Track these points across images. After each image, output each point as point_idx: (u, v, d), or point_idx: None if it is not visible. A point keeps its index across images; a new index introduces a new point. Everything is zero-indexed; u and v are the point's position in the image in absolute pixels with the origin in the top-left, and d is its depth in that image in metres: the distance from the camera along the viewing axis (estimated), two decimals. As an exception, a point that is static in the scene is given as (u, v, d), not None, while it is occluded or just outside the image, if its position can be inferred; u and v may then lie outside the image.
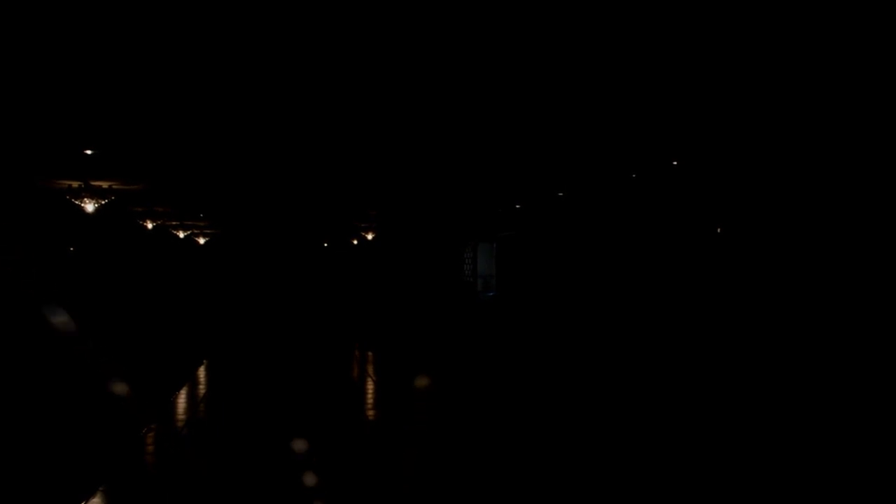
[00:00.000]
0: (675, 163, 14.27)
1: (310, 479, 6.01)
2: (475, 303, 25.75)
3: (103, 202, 14.74)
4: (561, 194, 19.22)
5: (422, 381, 11.72)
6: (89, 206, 14.61)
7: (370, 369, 13.73)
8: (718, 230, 14.23)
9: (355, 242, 31.05)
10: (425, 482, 6.52)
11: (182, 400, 10.29)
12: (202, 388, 11.45)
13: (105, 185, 15.13)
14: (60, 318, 14.19)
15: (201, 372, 12.91)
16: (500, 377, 12.55)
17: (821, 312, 11.28)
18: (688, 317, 14.61)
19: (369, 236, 26.77)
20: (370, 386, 11.86)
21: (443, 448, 7.68)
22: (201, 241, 33.91)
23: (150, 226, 24.44)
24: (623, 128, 11.24)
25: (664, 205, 16.04)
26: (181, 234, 30.36)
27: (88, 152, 12.28)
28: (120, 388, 9.59)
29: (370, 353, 15.84)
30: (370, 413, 9.74)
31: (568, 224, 20.17)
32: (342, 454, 7.24)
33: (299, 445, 6.94)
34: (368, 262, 30.46)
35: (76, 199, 14.62)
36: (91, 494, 5.90)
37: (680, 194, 15.42)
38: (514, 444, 7.76)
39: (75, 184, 14.82)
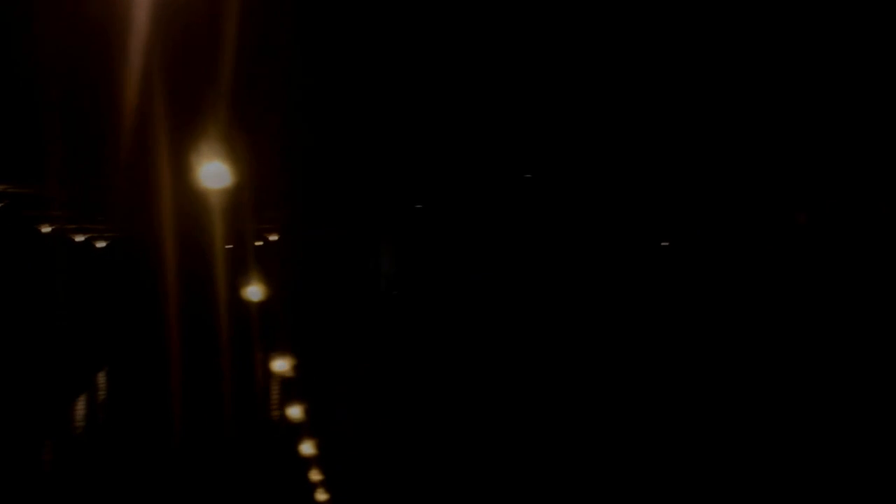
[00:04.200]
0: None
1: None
2: (379, 300, 25.96)
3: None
4: (460, 196, 19.55)
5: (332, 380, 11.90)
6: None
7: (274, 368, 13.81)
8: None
9: (259, 244, 30.83)
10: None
11: (81, 406, 10.28)
12: (101, 394, 11.43)
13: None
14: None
15: (100, 378, 12.85)
16: (396, 365, 12.83)
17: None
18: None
19: (272, 238, 26.67)
20: (275, 386, 11.99)
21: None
22: (100, 244, 33.00)
23: (46, 230, 23.75)
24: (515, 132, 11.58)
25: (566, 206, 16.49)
26: (81, 238, 29.56)
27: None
28: (18, 395, 9.52)
29: (276, 352, 15.87)
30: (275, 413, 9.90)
31: (463, 224, 20.55)
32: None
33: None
34: (272, 263, 30.29)
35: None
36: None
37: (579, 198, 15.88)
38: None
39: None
